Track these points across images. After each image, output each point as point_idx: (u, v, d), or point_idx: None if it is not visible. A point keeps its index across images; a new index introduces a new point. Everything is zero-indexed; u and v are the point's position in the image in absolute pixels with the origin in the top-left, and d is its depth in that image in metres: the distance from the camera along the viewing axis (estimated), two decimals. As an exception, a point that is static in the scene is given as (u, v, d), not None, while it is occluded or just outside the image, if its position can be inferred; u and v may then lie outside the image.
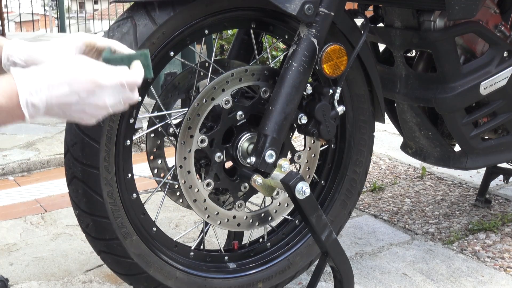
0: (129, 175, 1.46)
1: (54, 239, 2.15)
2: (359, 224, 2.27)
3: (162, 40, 1.39)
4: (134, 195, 1.47)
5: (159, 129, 1.55)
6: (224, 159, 1.51)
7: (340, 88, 1.52)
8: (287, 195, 1.53)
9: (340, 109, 1.53)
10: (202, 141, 1.46)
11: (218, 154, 1.49)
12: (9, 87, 0.89)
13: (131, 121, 1.42)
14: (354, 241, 2.13)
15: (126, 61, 1.04)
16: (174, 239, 1.57)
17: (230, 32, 4.32)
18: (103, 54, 1.06)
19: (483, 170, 2.41)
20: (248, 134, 1.51)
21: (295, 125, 1.54)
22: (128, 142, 1.43)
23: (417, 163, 2.90)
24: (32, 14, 10.69)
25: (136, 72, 1.01)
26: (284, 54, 1.75)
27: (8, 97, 0.89)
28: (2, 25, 5.76)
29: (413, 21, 1.71)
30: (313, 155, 1.67)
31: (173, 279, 1.52)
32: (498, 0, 1.79)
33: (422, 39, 1.70)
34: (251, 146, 1.49)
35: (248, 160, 1.44)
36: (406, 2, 1.69)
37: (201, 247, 1.66)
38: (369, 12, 1.90)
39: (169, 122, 1.53)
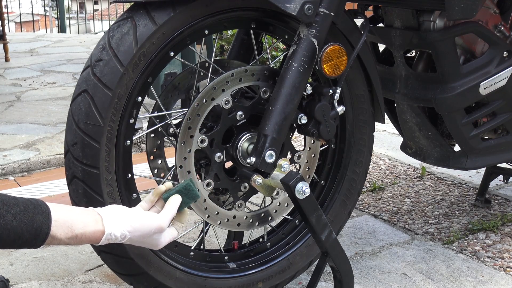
0: (129, 175, 1.46)
1: (54, 239, 2.15)
2: (359, 224, 2.27)
3: (162, 40, 1.39)
4: (134, 195, 1.47)
5: (159, 129, 1.55)
6: (224, 159, 1.51)
7: (340, 88, 1.52)
8: (287, 195, 1.53)
9: (340, 109, 1.54)
10: (202, 141, 1.46)
11: (218, 154, 1.49)
12: (95, 225, 1.14)
13: (131, 121, 1.42)
14: (354, 241, 2.13)
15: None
16: (174, 239, 1.57)
17: (230, 32, 4.32)
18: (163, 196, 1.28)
19: (482, 170, 2.42)
20: (248, 134, 1.51)
21: (295, 125, 1.54)
22: (128, 142, 1.43)
23: (417, 163, 2.90)
24: (33, 14, 10.71)
25: (162, 215, 1.24)
26: (284, 54, 1.76)
27: (93, 232, 1.13)
28: (3, 26, 5.76)
29: (413, 21, 1.72)
30: (313, 155, 1.67)
31: (173, 279, 1.52)
32: (498, 0, 1.79)
33: (422, 39, 1.70)
34: (251, 146, 1.49)
35: (248, 160, 1.44)
36: (406, 2, 1.69)
37: (201, 247, 1.66)
38: (369, 12, 1.90)
39: (169, 122, 1.54)
